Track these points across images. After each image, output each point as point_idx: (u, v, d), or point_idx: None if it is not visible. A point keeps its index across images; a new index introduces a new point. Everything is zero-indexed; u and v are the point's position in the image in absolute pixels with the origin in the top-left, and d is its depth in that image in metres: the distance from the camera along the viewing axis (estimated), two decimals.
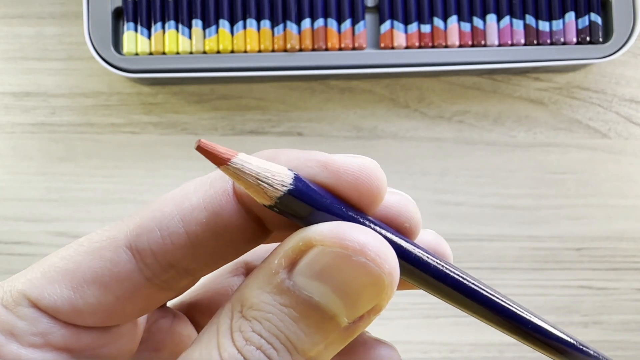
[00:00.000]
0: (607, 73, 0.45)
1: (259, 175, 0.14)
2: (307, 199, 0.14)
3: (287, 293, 0.14)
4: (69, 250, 0.16)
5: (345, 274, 0.14)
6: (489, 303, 0.17)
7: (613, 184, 0.45)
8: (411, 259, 0.16)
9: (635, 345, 0.43)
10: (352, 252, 0.14)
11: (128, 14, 0.42)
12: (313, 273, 0.14)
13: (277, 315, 0.14)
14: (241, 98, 0.45)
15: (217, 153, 0.14)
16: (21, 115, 0.44)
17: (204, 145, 0.14)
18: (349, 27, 0.42)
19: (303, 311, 0.14)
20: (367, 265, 0.14)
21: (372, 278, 0.14)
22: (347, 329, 0.15)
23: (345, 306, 0.14)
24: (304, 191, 0.14)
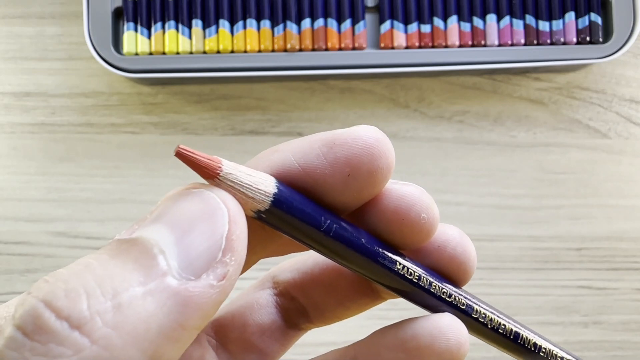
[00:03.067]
0: (607, 73, 0.45)
1: (242, 194, 0.13)
2: (287, 219, 0.14)
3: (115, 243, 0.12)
4: None
5: (180, 204, 0.12)
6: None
7: (613, 184, 0.45)
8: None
9: (635, 345, 0.43)
10: (195, 187, 0.13)
11: (128, 14, 0.42)
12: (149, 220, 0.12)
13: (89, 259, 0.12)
14: (241, 98, 0.45)
15: (201, 164, 0.13)
16: (21, 115, 0.44)
17: (184, 152, 0.13)
18: (349, 27, 0.42)
19: (123, 248, 0.12)
20: (203, 193, 0.13)
21: (207, 204, 0.12)
22: (179, 285, 0.12)
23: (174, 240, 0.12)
24: (284, 209, 0.14)
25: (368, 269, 0.15)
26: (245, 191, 0.13)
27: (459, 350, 0.16)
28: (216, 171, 0.13)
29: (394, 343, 0.16)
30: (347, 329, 0.44)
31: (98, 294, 0.11)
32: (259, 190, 0.13)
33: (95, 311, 0.11)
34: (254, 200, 0.13)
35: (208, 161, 0.13)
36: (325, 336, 0.43)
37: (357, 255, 0.15)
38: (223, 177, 0.13)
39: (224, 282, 0.12)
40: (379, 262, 0.15)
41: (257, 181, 0.13)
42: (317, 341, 0.44)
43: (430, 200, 0.16)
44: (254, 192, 0.13)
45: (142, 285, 0.11)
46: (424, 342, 0.15)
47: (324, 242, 0.14)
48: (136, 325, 0.11)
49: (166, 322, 0.11)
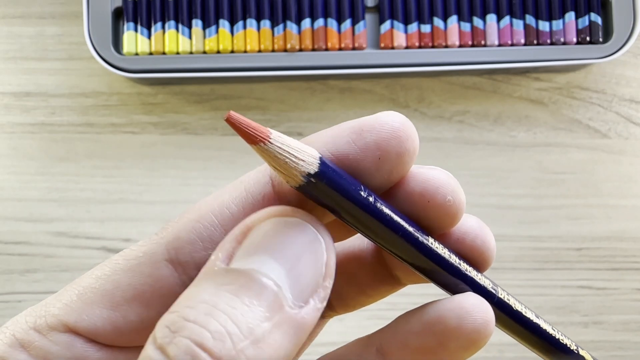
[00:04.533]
0: (607, 73, 0.45)
1: (291, 157, 0.14)
2: (333, 184, 0.14)
3: (224, 275, 0.13)
4: (104, 269, 0.15)
5: (285, 235, 0.14)
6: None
7: (613, 184, 0.45)
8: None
9: (635, 345, 0.43)
10: (288, 216, 0.14)
11: (128, 14, 0.42)
12: (251, 248, 0.14)
13: (212, 296, 0.13)
14: (241, 98, 0.45)
15: (250, 131, 0.13)
16: (21, 115, 0.44)
17: (235, 119, 0.13)
18: (349, 27, 0.42)
19: (241, 283, 0.13)
20: (305, 227, 0.14)
21: (310, 238, 0.14)
22: (295, 314, 0.13)
23: (286, 273, 0.13)
24: (330, 176, 0.14)
25: (400, 245, 0.15)
26: (296, 154, 0.14)
27: (486, 329, 0.16)
28: (266, 135, 0.14)
29: (420, 328, 0.16)
30: (347, 329, 0.44)
31: (238, 332, 0.12)
32: (307, 154, 0.14)
33: (240, 349, 0.12)
34: (304, 163, 0.14)
35: (257, 127, 0.14)
36: (327, 336, 0.43)
37: (391, 230, 0.15)
38: (273, 141, 0.14)
39: (324, 303, 0.14)
40: (412, 237, 0.15)
41: (303, 147, 0.14)
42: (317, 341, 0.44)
43: (456, 183, 0.17)
44: (303, 154, 0.14)
45: (268, 320, 0.13)
46: (451, 323, 0.15)
47: (364, 213, 0.15)
48: (272, 356, 0.13)
49: (290, 347, 0.13)
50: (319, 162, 0.14)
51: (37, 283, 0.43)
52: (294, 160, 0.14)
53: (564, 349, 0.18)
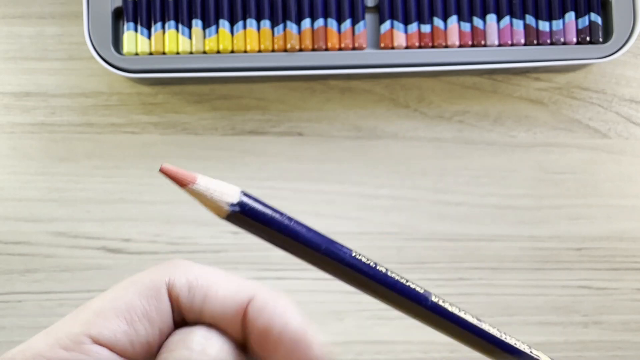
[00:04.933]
0: (607, 73, 0.45)
1: (213, 196, 0.17)
2: (253, 215, 0.17)
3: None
4: (115, 293, 0.18)
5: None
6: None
7: (613, 184, 0.45)
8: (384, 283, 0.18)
9: (635, 345, 0.43)
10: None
11: (128, 14, 0.42)
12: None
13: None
14: (241, 98, 0.45)
15: (179, 177, 0.17)
16: (21, 115, 0.44)
17: (167, 169, 0.17)
18: (349, 27, 0.42)
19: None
20: None
21: None
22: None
23: None
24: (250, 208, 0.17)
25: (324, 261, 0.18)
26: (220, 188, 0.17)
27: None
28: (193, 179, 0.17)
29: None
30: (346, 329, 0.44)
31: None
32: (230, 188, 0.17)
33: None
34: (227, 195, 0.17)
35: (185, 174, 0.17)
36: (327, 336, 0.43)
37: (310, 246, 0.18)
38: (200, 181, 0.17)
39: None
40: (333, 252, 0.18)
41: (226, 185, 0.17)
42: None
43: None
44: (226, 188, 0.17)
45: None
46: None
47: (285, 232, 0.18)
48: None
49: None
50: (239, 193, 0.17)
51: (37, 283, 0.43)
52: (218, 193, 0.17)
53: (510, 348, 0.19)
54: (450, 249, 0.44)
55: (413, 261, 0.43)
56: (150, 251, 0.43)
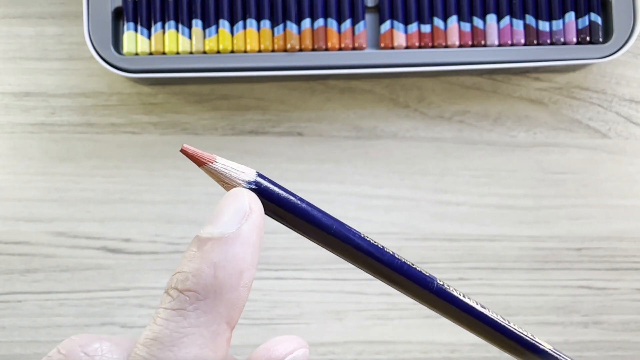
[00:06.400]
0: (607, 73, 0.45)
1: (231, 174, 0.18)
2: (268, 195, 0.18)
3: None
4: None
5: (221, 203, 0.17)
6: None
7: (613, 184, 0.45)
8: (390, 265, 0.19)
9: (635, 345, 0.43)
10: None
11: (128, 14, 0.42)
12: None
13: None
14: (241, 98, 0.45)
15: (198, 156, 0.18)
16: (21, 115, 0.44)
17: (187, 149, 0.18)
18: (349, 27, 0.42)
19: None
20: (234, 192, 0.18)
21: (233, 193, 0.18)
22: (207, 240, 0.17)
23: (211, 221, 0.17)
24: (265, 187, 0.18)
25: (333, 243, 0.19)
26: (238, 168, 0.18)
27: None
28: (212, 158, 0.18)
29: None
30: (346, 329, 0.44)
31: None
32: (246, 168, 0.18)
33: None
34: (244, 174, 0.18)
35: (204, 154, 0.18)
36: (327, 336, 0.43)
37: (322, 228, 0.18)
38: (219, 160, 0.18)
39: None
40: (343, 235, 0.19)
41: (242, 166, 0.18)
42: (317, 341, 0.44)
43: None
44: (243, 168, 0.18)
45: None
46: None
47: (299, 212, 0.18)
48: None
49: None
50: (255, 173, 0.18)
51: (37, 283, 0.43)
52: (236, 172, 0.18)
53: (514, 336, 0.19)
54: (450, 249, 0.44)
55: (413, 261, 0.43)
56: (150, 251, 0.43)
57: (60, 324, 0.43)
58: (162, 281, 0.43)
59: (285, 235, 0.44)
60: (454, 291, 0.19)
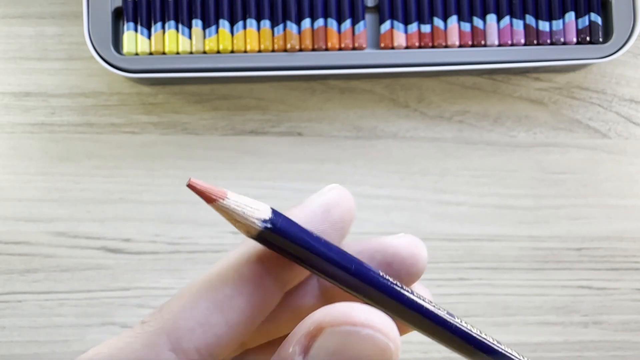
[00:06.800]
0: (607, 73, 0.45)
1: (244, 212, 0.16)
2: (285, 234, 0.16)
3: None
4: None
5: (357, 348, 0.15)
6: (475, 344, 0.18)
7: (613, 184, 0.45)
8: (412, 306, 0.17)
9: (635, 345, 0.43)
10: (360, 326, 0.15)
11: (128, 14, 0.42)
12: (327, 354, 0.15)
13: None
14: (241, 98, 0.45)
15: (207, 192, 0.16)
16: (21, 115, 0.44)
17: (195, 184, 0.15)
18: (349, 27, 0.42)
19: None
20: (375, 336, 0.15)
21: (380, 347, 0.15)
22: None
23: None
24: (279, 229, 0.16)
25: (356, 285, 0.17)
26: (251, 204, 0.16)
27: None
28: (222, 194, 0.16)
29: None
30: None
31: None
32: (260, 205, 0.16)
33: None
34: (259, 212, 0.16)
35: (213, 189, 0.16)
36: None
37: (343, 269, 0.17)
38: (230, 196, 0.16)
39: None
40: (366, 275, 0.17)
41: (255, 202, 0.16)
42: None
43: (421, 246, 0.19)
44: (256, 205, 0.16)
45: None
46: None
47: (320, 254, 0.17)
48: None
49: None
50: (270, 210, 0.16)
51: (37, 283, 0.43)
52: (249, 209, 0.16)
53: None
54: (450, 249, 0.44)
55: None
56: (150, 251, 0.43)
57: (60, 324, 0.43)
58: (162, 281, 0.43)
59: None
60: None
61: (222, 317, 0.16)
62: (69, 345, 0.43)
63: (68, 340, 0.43)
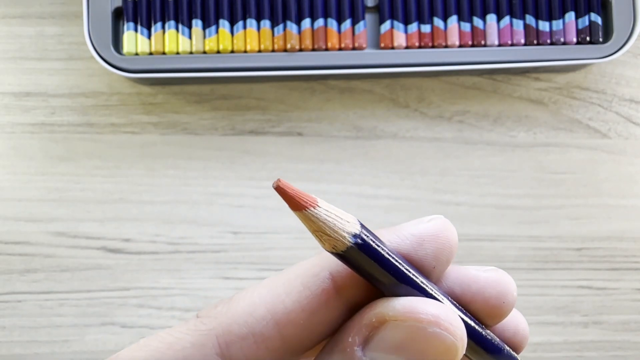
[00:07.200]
0: (607, 73, 0.45)
1: (335, 224, 0.14)
2: (371, 254, 0.14)
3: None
4: (141, 354, 0.15)
5: (422, 345, 0.14)
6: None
7: (613, 184, 0.45)
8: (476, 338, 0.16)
9: (635, 345, 0.43)
10: (426, 324, 0.14)
11: (128, 14, 0.42)
12: (389, 347, 0.14)
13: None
14: (241, 98, 0.45)
15: (298, 198, 0.14)
16: (21, 115, 0.44)
17: (283, 186, 0.14)
18: (349, 27, 0.42)
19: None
20: (441, 335, 0.14)
21: (446, 346, 0.14)
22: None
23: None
24: (369, 246, 0.14)
25: None
26: (342, 216, 0.14)
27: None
28: (314, 201, 0.14)
29: None
30: None
31: None
32: (349, 216, 0.14)
33: None
34: (349, 224, 0.14)
35: (305, 195, 0.14)
36: None
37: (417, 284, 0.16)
38: (321, 204, 0.14)
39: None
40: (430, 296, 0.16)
41: (344, 212, 0.14)
42: None
43: (514, 286, 0.17)
44: (347, 217, 0.14)
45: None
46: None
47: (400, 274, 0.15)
48: None
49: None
50: (359, 223, 0.15)
51: (37, 283, 0.43)
52: (340, 222, 0.14)
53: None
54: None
55: None
56: (150, 251, 0.43)
57: (60, 324, 0.43)
58: (162, 281, 0.43)
59: (286, 235, 0.44)
60: None
61: (278, 331, 0.15)
62: (69, 345, 0.43)
63: (68, 340, 0.43)
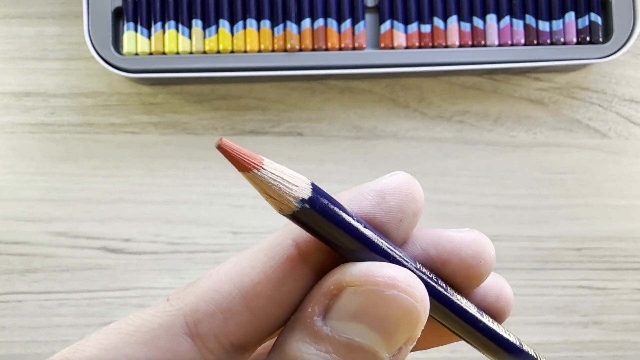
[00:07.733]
0: (607, 73, 0.45)
1: (280, 188, 0.14)
2: (324, 215, 0.14)
3: (326, 339, 0.14)
4: (112, 339, 0.14)
5: (381, 310, 0.14)
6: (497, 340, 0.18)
7: (613, 184, 0.45)
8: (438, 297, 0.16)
9: (635, 345, 0.43)
10: (383, 287, 0.14)
11: (128, 14, 0.42)
12: (348, 315, 0.14)
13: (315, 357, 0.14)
14: (241, 98, 0.45)
15: (242, 158, 0.13)
16: (21, 115, 0.44)
17: (226, 146, 0.13)
18: (349, 27, 0.42)
19: (345, 354, 0.14)
20: (400, 297, 0.14)
21: (406, 309, 0.14)
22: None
23: (384, 341, 0.14)
24: (321, 207, 0.14)
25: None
26: (289, 179, 0.14)
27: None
28: (259, 162, 0.14)
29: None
30: None
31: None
32: (299, 180, 0.14)
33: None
34: (297, 188, 0.14)
35: (250, 155, 0.14)
36: None
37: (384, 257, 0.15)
38: (266, 167, 0.14)
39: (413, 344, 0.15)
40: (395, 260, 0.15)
41: (295, 174, 0.14)
42: None
43: (490, 246, 0.17)
44: (295, 180, 0.14)
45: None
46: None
47: (358, 235, 0.15)
48: None
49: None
50: (311, 187, 0.14)
51: (37, 283, 0.43)
52: (287, 185, 0.14)
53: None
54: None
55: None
56: (150, 251, 0.43)
57: (60, 324, 0.43)
58: (162, 281, 0.43)
59: None
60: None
61: (245, 305, 0.14)
62: (69, 345, 0.43)
63: (68, 340, 0.43)
